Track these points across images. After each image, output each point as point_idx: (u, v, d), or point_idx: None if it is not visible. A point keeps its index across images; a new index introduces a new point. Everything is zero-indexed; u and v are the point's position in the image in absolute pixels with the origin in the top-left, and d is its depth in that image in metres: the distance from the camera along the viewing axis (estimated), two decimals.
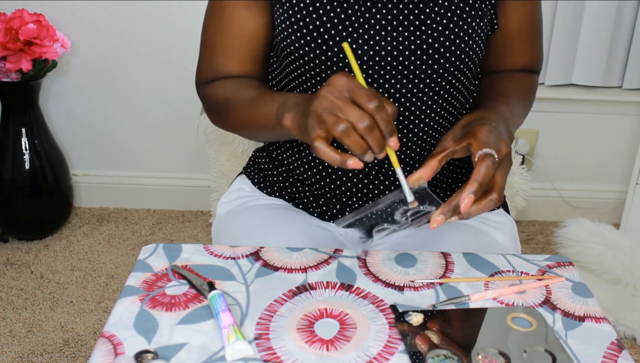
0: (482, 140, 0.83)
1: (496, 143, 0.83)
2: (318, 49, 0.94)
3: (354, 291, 0.83)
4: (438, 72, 0.96)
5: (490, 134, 0.83)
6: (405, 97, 0.96)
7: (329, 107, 0.75)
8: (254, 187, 1.13)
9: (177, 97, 2.29)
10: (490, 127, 0.85)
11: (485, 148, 0.82)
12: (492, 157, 0.81)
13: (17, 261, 2.12)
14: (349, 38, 0.93)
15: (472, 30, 0.96)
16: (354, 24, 0.93)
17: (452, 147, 0.86)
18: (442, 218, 0.81)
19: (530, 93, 1.08)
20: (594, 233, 2.09)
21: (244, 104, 0.97)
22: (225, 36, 1.01)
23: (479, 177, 0.80)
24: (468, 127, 0.87)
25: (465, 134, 0.86)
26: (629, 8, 2.18)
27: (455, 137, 0.88)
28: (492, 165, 0.81)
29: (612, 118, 2.34)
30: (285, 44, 0.96)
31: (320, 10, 0.94)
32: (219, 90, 1.02)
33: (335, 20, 0.93)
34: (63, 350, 1.75)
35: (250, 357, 0.71)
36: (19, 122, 2.10)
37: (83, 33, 2.21)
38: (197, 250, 0.90)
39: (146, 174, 2.43)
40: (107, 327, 0.75)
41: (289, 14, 0.95)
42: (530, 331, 0.77)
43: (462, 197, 0.79)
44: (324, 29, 0.93)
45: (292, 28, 0.95)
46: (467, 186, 0.80)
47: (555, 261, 0.92)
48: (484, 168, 0.80)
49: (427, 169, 0.84)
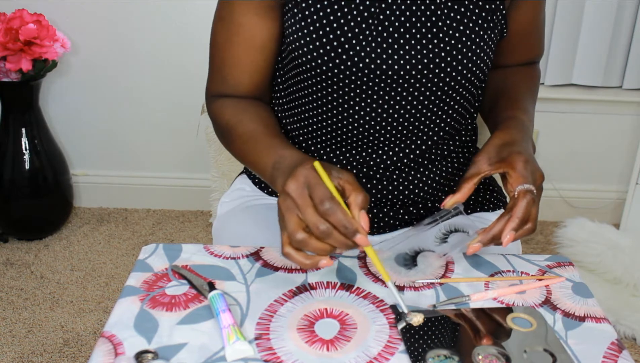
0: (522, 173, 0.86)
1: (534, 175, 0.86)
2: (330, 60, 0.93)
3: (354, 291, 0.83)
4: (449, 84, 0.96)
5: (527, 165, 0.86)
6: (415, 108, 0.96)
7: (290, 207, 0.75)
8: (255, 187, 1.13)
9: (177, 97, 2.29)
10: (527, 157, 0.88)
11: (525, 183, 0.85)
12: (532, 193, 0.84)
13: (17, 261, 2.12)
14: (359, 49, 0.92)
15: (484, 43, 0.96)
16: (367, 36, 0.92)
17: (487, 171, 0.89)
18: (479, 246, 0.84)
19: (536, 86, 1.11)
20: (594, 233, 2.09)
21: (244, 141, 0.96)
22: (235, 46, 0.99)
23: (520, 214, 0.83)
24: (504, 153, 0.89)
25: (501, 159, 0.88)
26: (629, 8, 2.18)
27: (490, 159, 0.89)
28: (532, 201, 0.84)
29: (612, 118, 2.34)
30: (296, 54, 0.95)
31: (333, 22, 0.92)
32: (223, 113, 1.01)
33: (347, 31, 0.92)
34: (63, 350, 1.75)
35: (251, 357, 0.71)
36: (19, 122, 2.10)
37: (83, 33, 2.21)
38: (197, 250, 0.90)
39: (146, 173, 2.43)
40: (107, 327, 0.75)
41: (300, 25, 0.94)
42: (530, 331, 0.77)
43: (504, 233, 0.83)
44: (336, 41, 0.92)
45: (304, 39, 0.93)
46: (509, 222, 0.83)
47: (555, 261, 0.92)
48: (524, 204, 0.83)
49: (463, 192, 0.88)
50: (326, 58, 0.93)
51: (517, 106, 1.00)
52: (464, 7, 0.95)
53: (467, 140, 1.09)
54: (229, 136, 1.00)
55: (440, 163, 1.04)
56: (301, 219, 0.74)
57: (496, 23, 0.98)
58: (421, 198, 1.04)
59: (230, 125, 0.99)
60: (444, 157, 1.04)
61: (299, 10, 0.94)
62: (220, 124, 1.01)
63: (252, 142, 0.95)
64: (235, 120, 0.99)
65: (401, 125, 0.97)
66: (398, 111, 0.96)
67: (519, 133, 0.94)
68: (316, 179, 0.76)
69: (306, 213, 0.74)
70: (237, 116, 0.99)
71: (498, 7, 0.97)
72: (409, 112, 0.96)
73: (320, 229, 0.73)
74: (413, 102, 0.96)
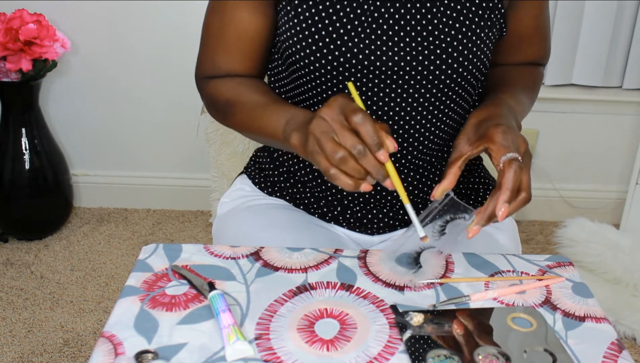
0: (502, 143, 0.84)
1: (515, 142, 0.84)
2: (323, 58, 0.93)
3: (354, 291, 0.83)
4: (445, 82, 0.95)
5: (506, 135, 0.84)
6: (411, 106, 0.96)
7: (326, 130, 0.76)
8: (255, 187, 1.13)
9: (177, 97, 2.29)
10: (505, 127, 0.85)
11: (508, 152, 0.83)
12: (517, 161, 0.82)
13: (17, 261, 2.12)
14: (354, 47, 0.92)
15: (481, 41, 0.96)
16: (361, 33, 0.92)
17: (468, 151, 0.87)
18: (478, 227, 0.83)
19: (535, 84, 1.09)
20: (594, 233, 2.09)
21: (250, 109, 0.96)
22: (226, 36, 1.00)
23: (509, 184, 0.81)
24: (481, 129, 0.87)
25: (480, 136, 0.87)
26: (629, 8, 2.18)
27: (469, 140, 0.88)
28: (519, 169, 0.82)
29: (612, 118, 2.34)
30: (290, 51, 0.95)
31: (326, 20, 0.92)
32: (220, 90, 1.01)
33: (341, 29, 0.92)
34: (63, 350, 1.75)
35: (251, 357, 0.71)
36: (19, 122, 2.10)
37: (83, 33, 2.21)
38: (197, 250, 0.90)
39: (146, 173, 2.43)
40: (107, 327, 0.75)
41: (294, 22, 0.94)
42: (530, 331, 0.77)
43: (497, 207, 0.81)
44: (329, 38, 0.92)
45: (298, 36, 0.94)
46: (500, 195, 0.81)
47: (555, 261, 0.92)
48: (511, 174, 0.81)
49: (450, 179, 0.86)
50: (319, 55, 0.93)
51: (507, 91, 0.99)
52: (460, 4, 0.94)
53: None
54: (230, 109, 0.99)
55: (438, 161, 1.04)
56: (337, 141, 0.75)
57: (494, 22, 0.98)
58: (421, 197, 1.04)
59: (231, 98, 0.99)
60: (443, 155, 1.04)
61: (292, 8, 0.94)
62: (218, 100, 1.01)
63: (259, 109, 0.95)
64: (234, 92, 0.99)
65: (397, 123, 0.97)
66: (393, 109, 0.96)
67: (497, 108, 0.92)
68: (350, 102, 0.77)
69: (344, 135, 0.74)
70: (236, 90, 1.00)
71: (496, 5, 0.97)
72: (404, 109, 0.96)
73: (357, 149, 0.74)
74: (408, 99, 0.96)
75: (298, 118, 0.86)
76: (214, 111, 1.05)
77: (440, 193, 0.85)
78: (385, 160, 0.75)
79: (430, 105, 0.97)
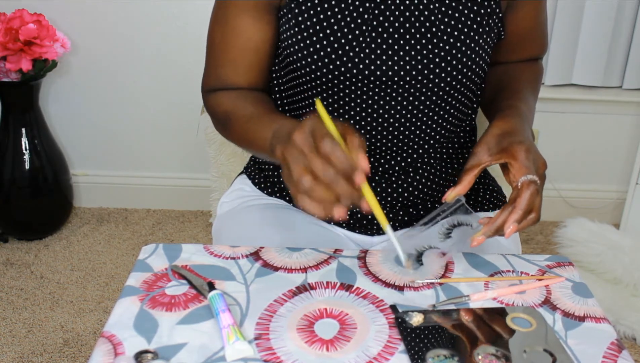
0: (524, 163, 0.84)
1: (536, 163, 0.85)
2: (325, 66, 0.93)
3: (354, 291, 0.83)
4: (444, 88, 0.95)
5: (529, 155, 0.85)
6: (411, 113, 0.96)
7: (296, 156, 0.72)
8: (255, 187, 1.13)
9: (177, 97, 2.29)
10: (527, 145, 0.86)
11: (528, 173, 0.83)
12: (535, 184, 0.83)
13: (17, 261, 2.12)
14: (353, 54, 0.92)
15: (479, 47, 0.96)
16: (362, 41, 0.92)
17: (487, 161, 0.88)
18: (483, 238, 0.84)
19: (537, 80, 1.10)
20: (594, 233, 2.09)
21: (244, 122, 0.96)
22: (230, 48, 0.99)
23: (523, 205, 0.82)
24: (504, 142, 0.88)
25: (502, 149, 0.87)
26: (629, 8, 2.18)
27: (490, 150, 0.88)
28: (536, 192, 0.83)
29: (612, 118, 2.34)
30: (291, 59, 0.95)
31: (327, 28, 0.92)
32: (220, 102, 1.01)
33: (341, 37, 0.92)
34: (63, 350, 1.75)
35: (250, 357, 0.71)
36: (19, 122, 2.10)
37: (83, 33, 2.21)
38: (197, 250, 0.90)
39: (146, 173, 2.43)
40: (107, 327, 0.75)
41: (295, 30, 0.94)
42: (530, 331, 0.77)
43: (507, 224, 0.82)
44: (330, 47, 0.92)
45: (299, 44, 0.94)
46: (513, 214, 0.82)
47: (555, 261, 0.92)
48: (527, 196, 0.82)
49: (464, 185, 0.87)
50: (320, 63, 0.93)
51: (517, 96, 0.99)
52: (458, 11, 0.95)
53: (466, 140, 1.09)
54: (228, 122, 0.99)
55: (439, 164, 1.04)
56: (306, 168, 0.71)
57: (492, 27, 0.98)
58: (420, 199, 1.04)
59: (229, 111, 0.99)
60: (443, 158, 1.04)
61: (294, 16, 0.94)
62: (219, 113, 1.01)
63: (253, 121, 0.94)
64: (233, 106, 0.99)
65: (397, 129, 0.97)
66: (394, 115, 0.96)
67: (519, 122, 0.92)
68: (319, 125, 0.74)
69: (313, 160, 0.71)
70: (235, 102, 1.00)
71: (494, 10, 0.97)
72: (404, 116, 0.96)
73: (326, 174, 0.70)
74: (409, 106, 0.96)
75: (283, 130, 0.83)
76: (216, 124, 1.05)
77: (453, 196, 0.86)
78: (360, 181, 0.71)
79: (429, 111, 0.97)
